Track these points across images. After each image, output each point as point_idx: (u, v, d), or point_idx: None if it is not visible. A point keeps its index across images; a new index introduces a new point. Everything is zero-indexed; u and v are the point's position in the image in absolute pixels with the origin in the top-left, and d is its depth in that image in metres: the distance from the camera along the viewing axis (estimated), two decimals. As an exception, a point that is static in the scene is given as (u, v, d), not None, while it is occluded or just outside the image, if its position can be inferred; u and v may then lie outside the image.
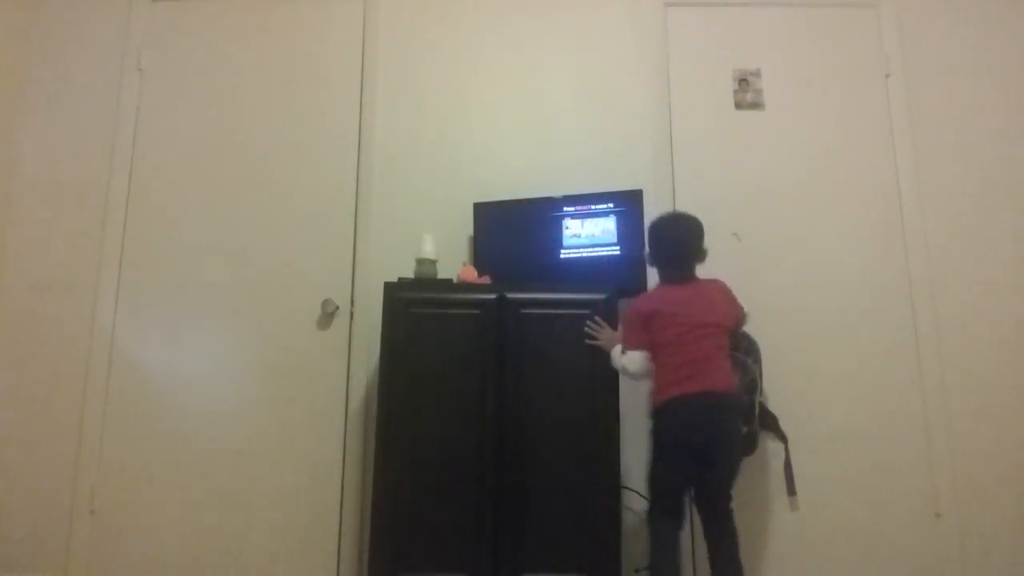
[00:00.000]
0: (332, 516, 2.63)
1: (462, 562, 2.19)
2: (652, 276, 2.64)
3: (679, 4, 2.96)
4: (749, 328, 2.42)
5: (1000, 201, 2.76)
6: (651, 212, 2.70)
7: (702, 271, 2.30)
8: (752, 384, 2.40)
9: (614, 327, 2.32)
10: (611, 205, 2.65)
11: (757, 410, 2.43)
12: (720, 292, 2.29)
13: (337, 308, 2.76)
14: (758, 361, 2.44)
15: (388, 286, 2.38)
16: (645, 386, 2.31)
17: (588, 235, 2.65)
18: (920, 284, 2.71)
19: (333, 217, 2.84)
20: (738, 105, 2.90)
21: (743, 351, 2.40)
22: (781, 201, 2.82)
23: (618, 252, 2.61)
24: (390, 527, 2.22)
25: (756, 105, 2.90)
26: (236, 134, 2.92)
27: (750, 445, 2.43)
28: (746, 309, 2.34)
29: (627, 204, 2.63)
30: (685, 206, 2.65)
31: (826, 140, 2.86)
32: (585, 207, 2.67)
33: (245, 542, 2.62)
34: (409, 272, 2.52)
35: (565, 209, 2.68)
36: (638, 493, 2.61)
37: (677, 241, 2.27)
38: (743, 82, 2.91)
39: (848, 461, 2.63)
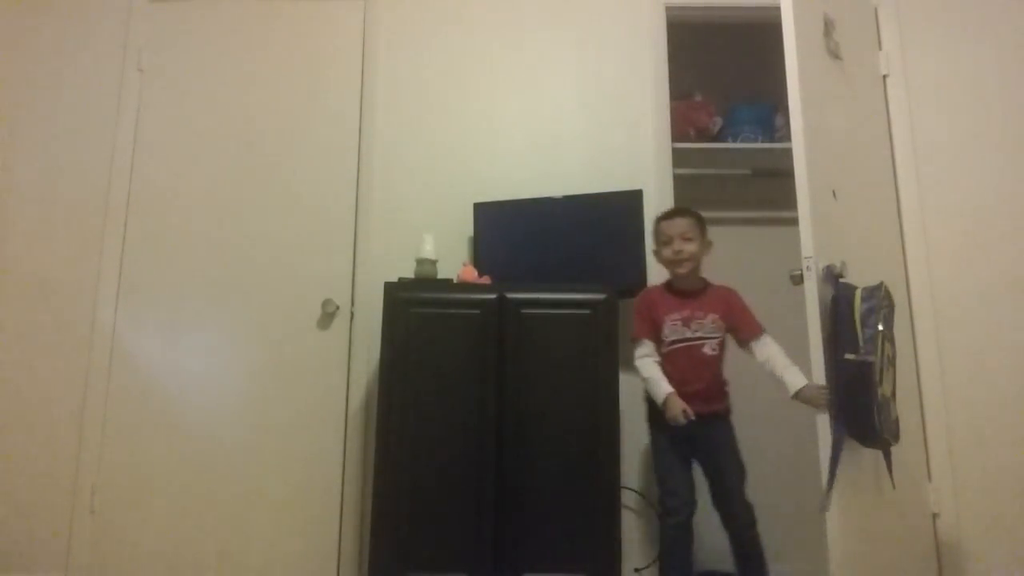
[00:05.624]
0: (332, 516, 2.63)
1: (462, 562, 2.19)
2: (653, 276, 2.65)
3: (679, 4, 2.96)
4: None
5: (1001, 202, 2.75)
6: (651, 212, 2.71)
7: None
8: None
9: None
10: (611, 205, 2.65)
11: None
12: None
13: (337, 308, 2.76)
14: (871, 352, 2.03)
15: (388, 286, 2.38)
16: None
17: (588, 235, 2.65)
18: (919, 284, 2.70)
19: (334, 217, 2.84)
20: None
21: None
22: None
23: (618, 252, 2.61)
24: (390, 527, 2.22)
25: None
26: (237, 134, 2.92)
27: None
28: None
29: (627, 204, 2.63)
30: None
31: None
32: (585, 207, 2.67)
33: (245, 542, 2.62)
34: (409, 272, 2.52)
35: (565, 209, 2.68)
36: (638, 493, 2.62)
37: None
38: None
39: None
